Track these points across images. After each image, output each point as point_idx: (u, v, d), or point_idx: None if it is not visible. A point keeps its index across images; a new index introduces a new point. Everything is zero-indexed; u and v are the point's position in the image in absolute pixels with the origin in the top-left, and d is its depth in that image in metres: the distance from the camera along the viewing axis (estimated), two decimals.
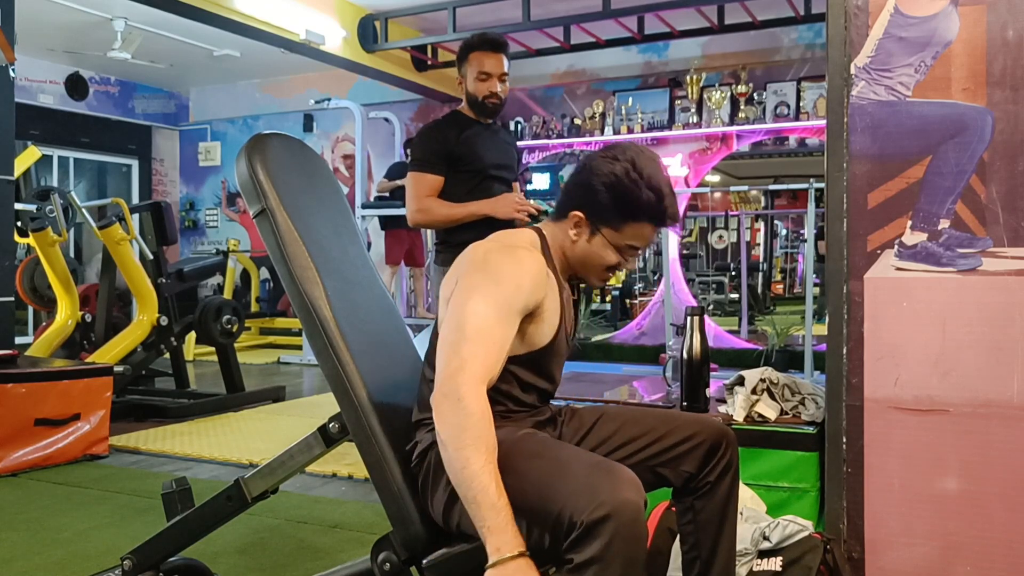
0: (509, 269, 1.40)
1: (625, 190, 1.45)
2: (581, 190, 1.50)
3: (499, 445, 1.36)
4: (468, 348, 1.33)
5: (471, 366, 1.32)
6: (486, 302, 1.37)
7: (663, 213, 1.47)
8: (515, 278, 1.40)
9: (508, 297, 1.38)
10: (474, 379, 1.31)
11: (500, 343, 1.36)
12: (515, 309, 1.39)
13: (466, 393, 1.29)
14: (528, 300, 1.41)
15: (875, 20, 1.99)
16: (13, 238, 4.51)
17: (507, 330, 1.38)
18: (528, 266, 1.42)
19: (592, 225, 1.49)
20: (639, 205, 1.45)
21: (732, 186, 5.66)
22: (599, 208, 1.48)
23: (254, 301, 9.15)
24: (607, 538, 1.17)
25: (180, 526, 1.76)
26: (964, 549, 1.92)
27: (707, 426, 1.54)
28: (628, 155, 1.47)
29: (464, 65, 2.83)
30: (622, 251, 1.50)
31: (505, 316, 1.37)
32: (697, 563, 1.57)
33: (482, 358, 1.33)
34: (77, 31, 7.47)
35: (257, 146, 1.62)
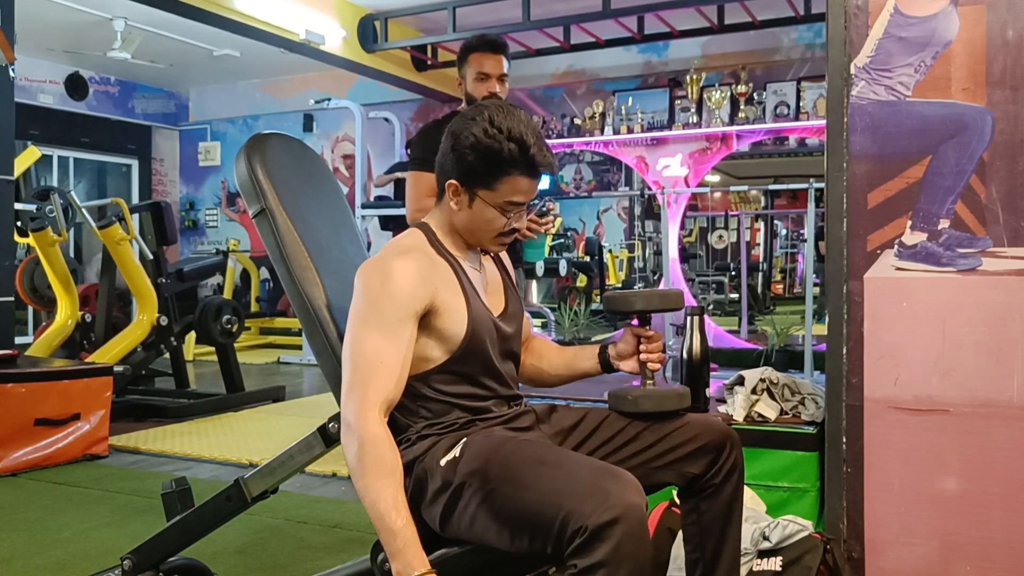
0: (378, 285, 1.40)
1: (487, 148, 1.44)
2: (449, 159, 1.49)
3: (496, 454, 1.36)
4: (356, 376, 1.37)
5: (360, 394, 1.36)
6: (363, 326, 1.39)
7: (531, 161, 1.44)
8: (385, 291, 1.39)
9: (383, 311, 1.38)
10: (364, 406, 1.35)
11: (386, 361, 1.37)
12: (395, 319, 1.38)
13: (357, 422, 1.34)
14: (410, 305, 1.40)
15: (875, 20, 1.99)
16: (13, 238, 4.51)
17: (392, 344, 1.38)
18: (399, 274, 1.40)
19: (468, 191, 1.48)
20: (503, 159, 1.43)
21: (732, 186, 5.65)
22: (469, 172, 1.46)
23: (254, 301, 9.15)
24: (615, 542, 1.16)
25: (180, 526, 1.76)
26: (964, 549, 1.92)
27: (711, 427, 1.53)
28: (485, 114, 1.45)
29: (464, 66, 2.84)
30: (504, 210, 1.47)
31: (385, 331, 1.38)
32: (700, 564, 1.56)
33: (368, 383, 1.36)
34: (77, 31, 7.47)
35: (256, 146, 1.63)
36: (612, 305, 1.65)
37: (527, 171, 1.45)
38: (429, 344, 1.45)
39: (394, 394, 1.39)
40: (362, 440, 1.33)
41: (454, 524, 1.38)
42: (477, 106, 1.50)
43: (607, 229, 9.95)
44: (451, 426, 1.47)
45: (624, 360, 1.65)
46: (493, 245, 1.54)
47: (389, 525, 1.30)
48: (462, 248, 1.55)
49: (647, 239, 9.74)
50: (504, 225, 1.49)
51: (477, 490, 1.34)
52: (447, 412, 1.48)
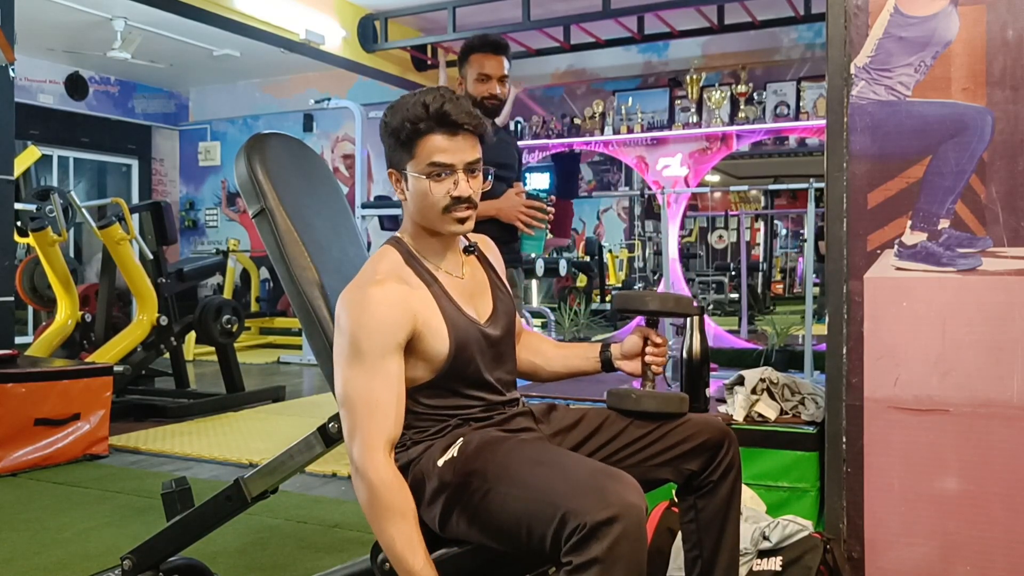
0: (356, 322, 1.38)
1: (394, 120, 1.45)
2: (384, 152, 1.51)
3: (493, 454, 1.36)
4: (353, 419, 1.37)
5: (361, 438, 1.35)
6: (349, 366, 1.38)
7: (436, 114, 1.41)
8: (364, 329, 1.37)
9: (364, 350, 1.37)
10: (368, 449, 1.35)
11: (380, 401, 1.36)
12: (379, 355, 1.37)
13: (363, 466, 1.34)
14: (391, 339, 1.38)
15: (875, 20, 1.99)
16: (13, 238, 4.51)
17: (381, 382, 1.37)
18: (376, 308, 1.37)
19: (400, 172, 1.48)
20: (408, 120, 1.43)
21: (732, 186, 5.65)
22: (392, 150, 1.47)
23: (254, 301, 9.15)
24: (612, 539, 1.16)
25: (180, 526, 1.76)
26: (964, 549, 1.92)
27: (709, 425, 1.53)
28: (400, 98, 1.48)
29: (464, 66, 2.84)
30: (432, 176, 1.44)
31: (371, 370, 1.36)
32: (699, 562, 1.56)
33: (368, 426, 1.35)
34: (77, 31, 7.47)
35: (256, 146, 1.63)
36: (625, 303, 1.64)
37: (439, 127, 1.43)
38: (413, 364, 1.43)
39: (395, 431, 1.38)
40: (372, 485, 1.33)
41: (453, 524, 1.38)
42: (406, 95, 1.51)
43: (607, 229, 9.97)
44: (443, 430, 1.47)
45: (628, 360, 1.64)
46: (449, 224, 1.47)
47: (407, 567, 1.31)
48: (439, 253, 1.52)
49: (647, 239, 9.75)
50: (444, 194, 1.44)
51: (475, 490, 1.34)
52: (439, 422, 1.47)
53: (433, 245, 1.51)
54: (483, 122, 1.48)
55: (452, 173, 1.44)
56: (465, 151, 1.45)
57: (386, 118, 1.47)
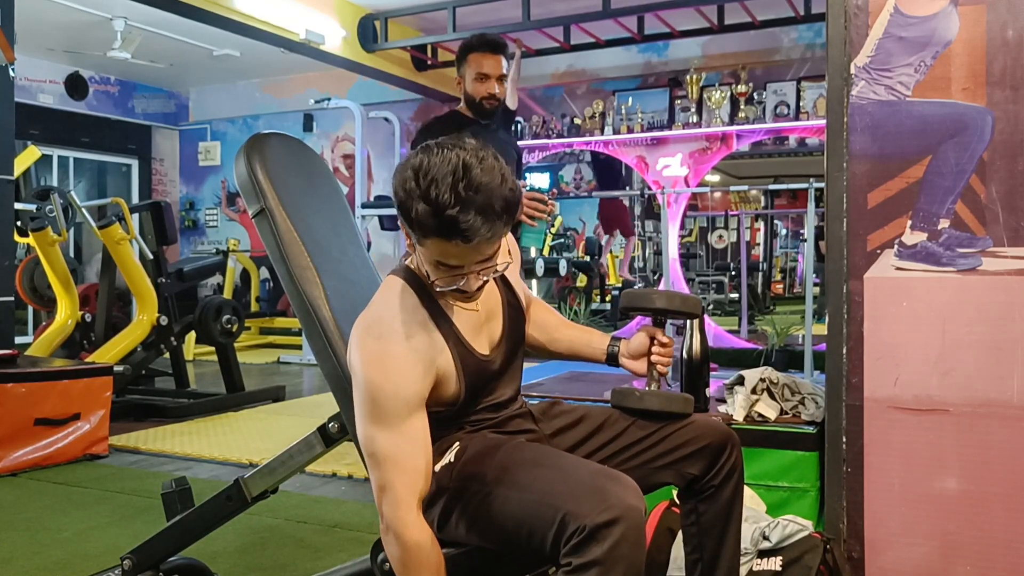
0: (379, 380, 1.30)
1: (401, 203, 1.28)
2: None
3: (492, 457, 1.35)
4: (385, 476, 1.32)
5: (392, 497, 1.31)
6: (372, 424, 1.32)
7: (444, 226, 1.23)
8: (385, 392, 1.31)
9: (389, 411, 1.31)
10: (400, 509, 1.31)
11: (408, 459, 1.32)
12: (404, 415, 1.32)
13: (397, 527, 1.31)
14: (415, 398, 1.33)
15: (875, 20, 1.99)
16: (13, 238, 4.51)
17: (408, 441, 1.32)
18: (399, 367, 1.31)
19: (412, 240, 1.34)
20: (416, 221, 1.26)
21: (732, 186, 5.65)
22: (401, 221, 1.32)
23: (254, 301, 9.15)
24: (612, 541, 1.16)
25: (180, 526, 1.76)
26: (964, 549, 1.92)
27: (712, 428, 1.52)
28: (417, 159, 1.27)
29: (463, 66, 2.84)
30: (439, 270, 1.31)
31: (396, 429, 1.31)
32: (699, 565, 1.56)
33: (398, 484, 1.31)
34: (77, 31, 7.47)
35: (256, 146, 1.62)
36: (631, 301, 1.62)
37: (441, 234, 1.25)
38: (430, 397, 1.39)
39: (425, 486, 1.35)
40: (405, 545, 1.30)
41: (452, 527, 1.37)
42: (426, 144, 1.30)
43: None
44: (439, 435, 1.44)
45: (633, 359, 1.62)
46: (451, 300, 1.39)
47: None
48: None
49: (647, 239, 9.75)
50: (447, 283, 1.33)
51: (474, 494, 1.33)
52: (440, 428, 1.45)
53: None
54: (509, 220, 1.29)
55: (459, 271, 1.32)
56: (480, 252, 1.29)
57: (395, 188, 1.29)
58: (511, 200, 1.27)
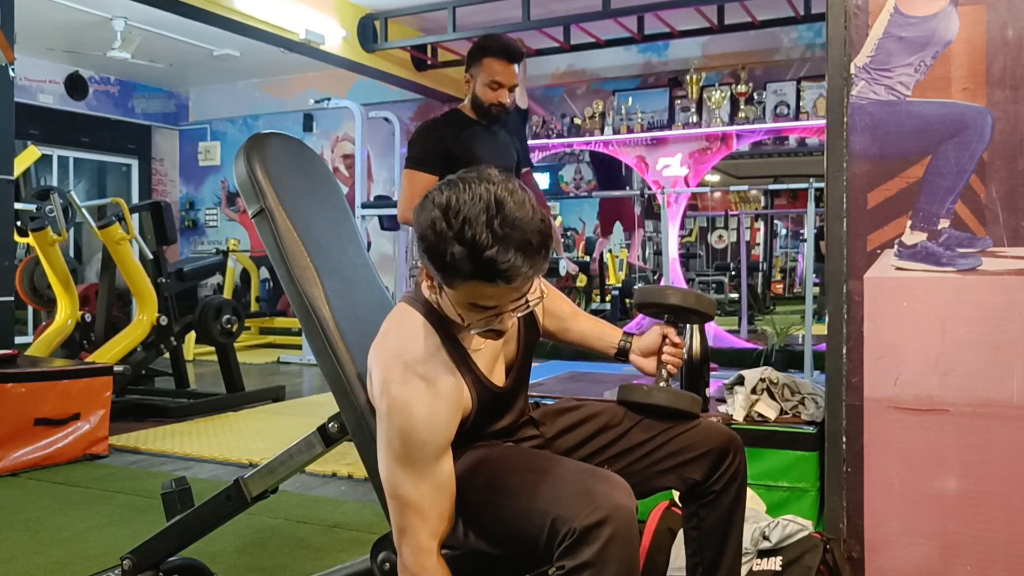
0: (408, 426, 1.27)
1: (431, 246, 1.18)
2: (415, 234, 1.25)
3: (482, 465, 1.35)
4: (407, 521, 1.29)
5: (413, 541, 1.29)
6: (399, 465, 1.29)
7: (484, 268, 1.15)
8: (416, 437, 1.27)
9: (417, 457, 1.28)
10: (420, 554, 1.29)
11: (435, 505, 1.30)
12: (432, 460, 1.29)
13: (415, 570, 1.29)
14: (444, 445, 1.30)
15: (875, 20, 1.99)
16: (13, 238, 4.51)
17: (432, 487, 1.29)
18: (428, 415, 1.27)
19: (435, 282, 1.26)
20: (451, 264, 1.17)
21: (732, 186, 5.65)
22: (427, 264, 1.23)
23: (254, 301, 9.15)
24: (602, 542, 1.16)
25: (180, 526, 1.76)
26: (964, 549, 1.92)
27: (714, 433, 1.51)
28: (443, 196, 1.18)
29: (476, 67, 2.73)
30: (472, 312, 1.24)
31: (423, 474, 1.28)
32: (700, 568, 1.55)
33: (418, 528, 1.29)
34: (77, 31, 7.46)
35: (256, 146, 1.62)
36: (645, 297, 1.61)
37: (488, 279, 1.17)
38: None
39: (446, 528, 1.32)
40: None
41: (451, 534, 1.37)
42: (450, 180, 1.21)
43: None
44: None
45: (644, 357, 1.60)
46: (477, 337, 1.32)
47: None
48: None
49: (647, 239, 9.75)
50: (480, 324, 1.26)
51: (466, 504, 1.33)
52: None
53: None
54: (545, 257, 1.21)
55: (494, 312, 1.24)
56: (519, 290, 1.22)
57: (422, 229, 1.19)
58: (546, 233, 1.19)
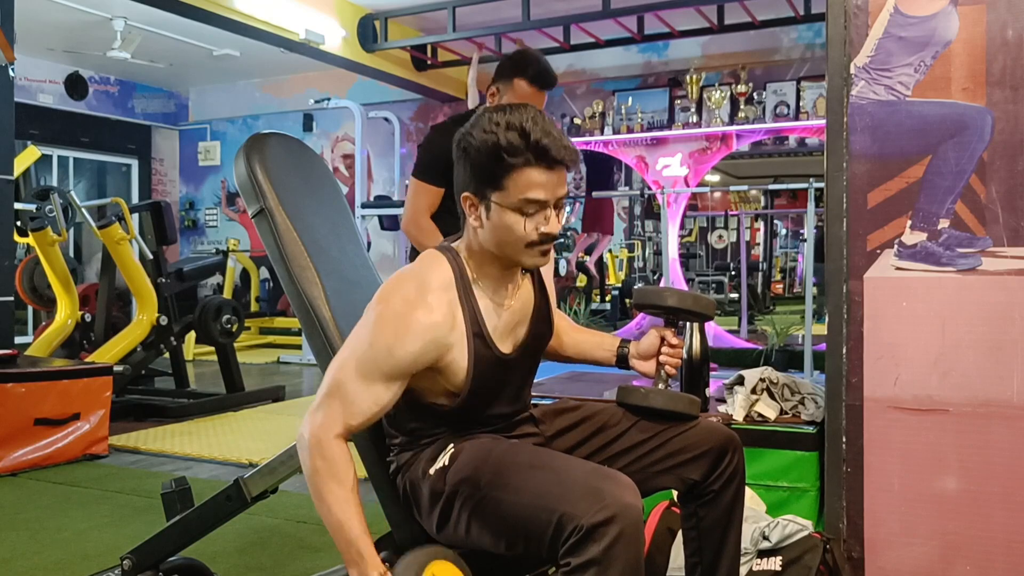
0: (389, 340, 1.32)
1: (483, 144, 1.32)
2: (457, 172, 1.39)
3: (487, 460, 1.35)
4: (326, 399, 1.34)
5: (327, 416, 1.33)
6: (355, 361, 1.34)
7: (537, 148, 1.31)
8: (389, 350, 1.32)
9: (379, 363, 1.32)
10: (327, 429, 1.33)
11: (362, 404, 1.33)
12: (388, 374, 1.33)
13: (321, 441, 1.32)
14: (408, 368, 1.33)
15: (875, 20, 1.99)
16: (13, 238, 4.51)
17: (372, 394, 1.33)
18: (413, 338, 1.32)
19: (482, 200, 1.36)
20: (504, 149, 1.31)
21: (732, 186, 5.64)
22: (474, 177, 1.35)
23: (254, 301, 9.15)
24: (609, 540, 1.16)
25: (180, 526, 1.76)
26: (964, 549, 1.92)
27: (713, 433, 1.51)
28: (484, 114, 1.36)
29: (504, 83, 2.65)
30: (522, 211, 1.33)
31: (373, 380, 1.33)
32: (699, 568, 1.55)
33: (338, 414, 1.33)
34: (76, 31, 7.46)
35: (256, 146, 1.62)
36: (643, 298, 1.62)
37: (536, 160, 1.32)
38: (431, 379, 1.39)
39: (359, 431, 1.37)
40: (323, 456, 1.31)
41: (449, 532, 1.37)
42: (476, 113, 1.40)
43: None
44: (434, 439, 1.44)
45: (643, 360, 1.60)
46: (529, 259, 1.39)
47: (346, 535, 1.31)
48: (496, 279, 1.43)
49: (647, 239, 9.75)
50: (531, 229, 1.34)
51: (469, 498, 1.33)
52: (434, 427, 1.45)
53: (493, 272, 1.43)
54: (578, 156, 1.40)
55: (544, 208, 1.35)
56: (560, 185, 1.35)
57: (471, 140, 1.34)
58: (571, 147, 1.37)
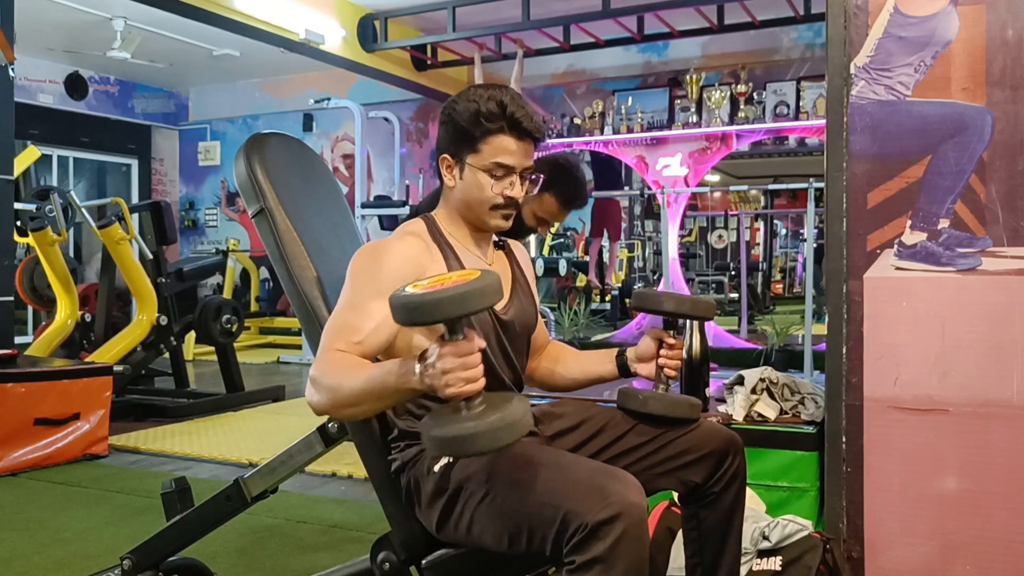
0: (363, 265, 1.42)
1: (466, 109, 1.46)
2: (440, 137, 1.52)
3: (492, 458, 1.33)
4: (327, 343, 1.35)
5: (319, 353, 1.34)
6: (341, 302, 1.40)
7: (512, 119, 1.45)
8: (368, 271, 1.40)
9: (362, 288, 1.38)
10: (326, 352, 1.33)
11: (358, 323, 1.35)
12: (372, 295, 1.35)
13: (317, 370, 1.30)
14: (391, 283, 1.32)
15: (875, 20, 1.99)
16: (13, 238, 4.51)
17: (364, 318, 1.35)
18: (387, 255, 1.42)
19: (457, 160, 1.50)
20: (483, 114, 1.45)
21: (732, 186, 5.64)
22: (454, 139, 1.49)
23: (254, 301, 9.15)
24: (613, 539, 1.16)
25: (179, 526, 1.76)
26: (964, 549, 1.92)
27: (714, 435, 1.51)
28: (468, 89, 1.50)
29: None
30: (493, 173, 1.47)
31: (360, 307, 1.36)
32: (699, 569, 1.55)
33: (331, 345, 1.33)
34: (76, 31, 7.46)
35: (256, 146, 1.62)
36: (641, 302, 1.63)
37: (509, 129, 1.46)
38: (416, 335, 1.42)
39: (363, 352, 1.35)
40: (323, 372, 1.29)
41: (451, 528, 1.37)
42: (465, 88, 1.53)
43: None
44: None
45: (642, 363, 1.62)
46: (493, 219, 1.51)
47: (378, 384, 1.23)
48: (467, 239, 1.55)
49: (647, 239, 9.75)
50: (498, 192, 1.48)
51: (472, 494, 1.33)
52: None
53: (466, 232, 1.55)
54: (545, 134, 1.54)
55: (511, 174, 1.48)
56: (526, 156, 1.50)
57: (455, 106, 1.48)
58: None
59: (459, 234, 1.54)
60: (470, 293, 1.12)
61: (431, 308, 1.12)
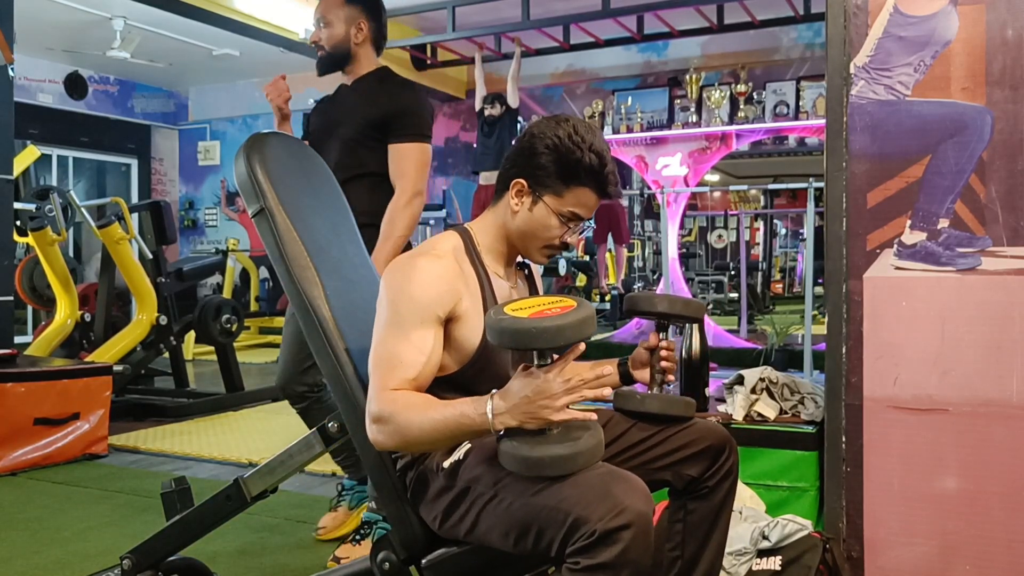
0: (399, 288, 1.39)
1: (567, 152, 1.43)
2: (523, 157, 1.47)
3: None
4: (374, 377, 1.37)
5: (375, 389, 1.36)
6: (386, 328, 1.39)
7: (605, 180, 1.45)
8: (406, 294, 1.38)
9: (403, 314, 1.37)
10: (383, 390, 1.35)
11: (405, 360, 1.36)
12: (416, 322, 1.37)
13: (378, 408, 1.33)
14: (431, 309, 1.38)
15: (875, 19, 1.99)
16: (12, 237, 4.51)
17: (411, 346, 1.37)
18: (422, 276, 1.39)
19: (534, 192, 1.46)
20: (581, 167, 1.43)
21: (732, 185, 5.65)
22: (541, 173, 1.45)
23: (253, 300, 9.15)
24: (622, 546, 1.17)
25: (179, 525, 1.76)
26: (963, 548, 1.92)
27: (711, 431, 1.54)
28: (570, 122, 1.46)
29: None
30: (566, 220, 1.46)
31: (406, 334, 1.37)
32: (679, 563, 1.56)
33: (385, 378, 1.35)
34: (76, 30, 7.46)
35: (256, 145, 1.62)
36: (634, 305, 1.64)
37: (597, 187, 1.46)
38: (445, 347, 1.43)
39: (416, 386, 1.37)
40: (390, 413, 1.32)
41: (455, 526, 1.37)
42: (561, 114, 1.51)
43: None
44: None
45: (640, 368, 1.65)
46: (539, 255, 1.52)
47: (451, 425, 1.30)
48: (501, 259, 1.54)
49: (647, 238, 9.75)
50: (559, 235, 1.47)
51: (481, 494, 1.33)
52: None
53: (500, 250, 1.54)
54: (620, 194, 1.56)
55: (579, 224, 1.49)
56: (592, 211, 1.50)
57: (556, 141, 1.44)
58: None
59: (493, 252, 1.53)
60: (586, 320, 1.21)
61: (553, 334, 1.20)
